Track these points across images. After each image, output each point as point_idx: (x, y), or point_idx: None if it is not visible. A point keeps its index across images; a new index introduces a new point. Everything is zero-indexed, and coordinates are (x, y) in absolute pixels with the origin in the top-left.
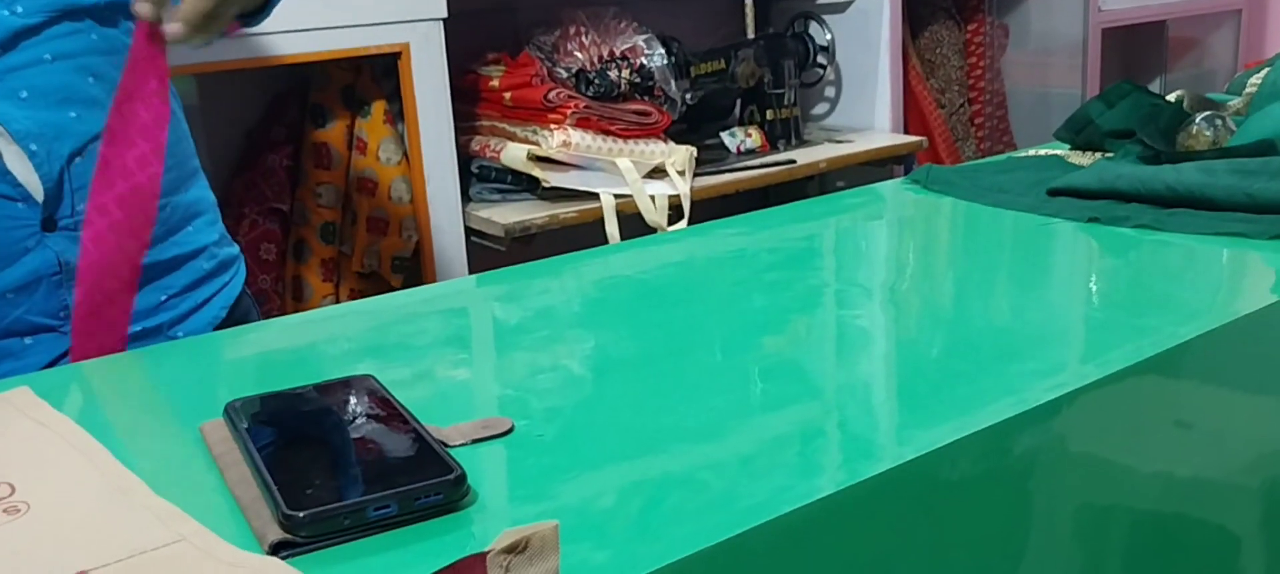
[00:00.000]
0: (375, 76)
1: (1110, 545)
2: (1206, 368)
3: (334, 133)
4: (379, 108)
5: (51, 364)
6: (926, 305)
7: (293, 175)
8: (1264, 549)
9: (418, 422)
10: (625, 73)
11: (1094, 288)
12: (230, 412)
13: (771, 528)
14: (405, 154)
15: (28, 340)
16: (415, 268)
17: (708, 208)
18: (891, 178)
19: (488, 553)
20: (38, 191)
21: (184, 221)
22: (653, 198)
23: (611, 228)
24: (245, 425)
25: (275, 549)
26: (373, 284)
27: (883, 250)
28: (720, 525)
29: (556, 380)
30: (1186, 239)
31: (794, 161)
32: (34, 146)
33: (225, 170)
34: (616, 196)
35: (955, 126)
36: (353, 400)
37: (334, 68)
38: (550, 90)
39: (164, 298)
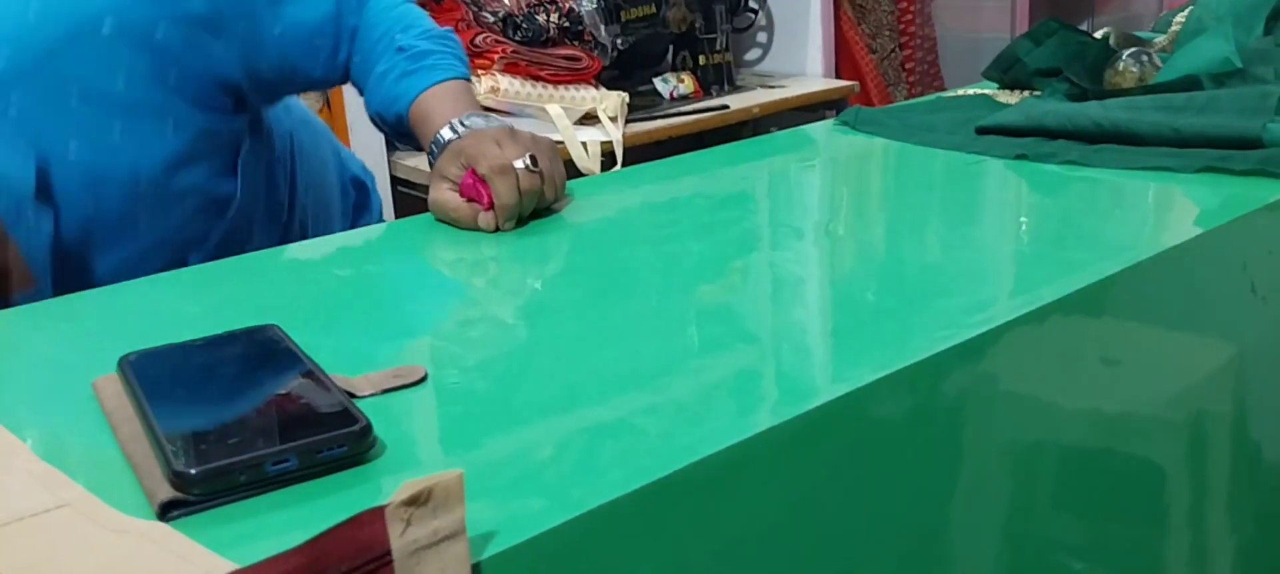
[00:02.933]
0: None
1: (1039, 480)
2: (1133, 302)
3: None
4: None
5: None
6: (856, 245)
7: None
8: (1189, 481)
9: (322, 372)
10: (553, 17)
11: (1022, 224)
12: (124, 366)
13: (706, 466)
14: (326, 103)
15: None
16: None
17: (641, 154)
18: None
19: (387, 506)
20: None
21: None
22: (584, 144)
23: None
24: (139, 380)
25: (166, 509)
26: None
27: (813, 192)
28: (652, 467)
29: (485, 330)
30: (1113, 174)
31: (727, 107)
32: None
33: None
34: None
35: (887, 71)
36: (254, 352)
37: None
38: (477, 35)
39: None
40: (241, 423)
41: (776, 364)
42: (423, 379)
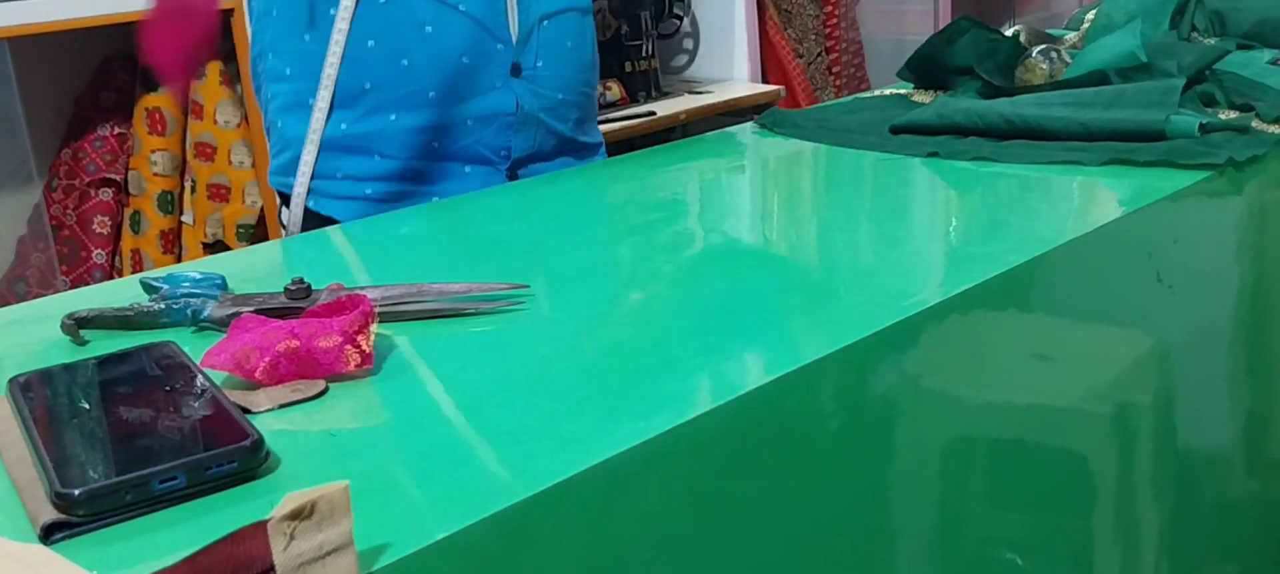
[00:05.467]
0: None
1: (964, 471)
2: (1046, 292)
3: (167, 97)
4: (214, 69)
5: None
6: (778, 243)
7: (125, 143)
8: (1110, 467)
9: (217, 388)
10: None
11: (937, 219)
12: (13, 388)
13: (616, 464)
14: (244, 116)
15: (468, 168)
16: (262, 235)
17: None
18: None
19: (269, 520)
20: (515, 37)
21: None
22: None
23: None
24: (27, 401)
25: (48, 531)
26: (217, 254)
27: (731, 192)
28: (555, 468)
29: (391, 337)
30: (1021, 169)
31: (654, 114)
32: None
33: (51, 139)
34: None
35: (814, 75)
36: (147, 370)
37: None
38: None
39: None
40: (129, 441)
41: (696, 360)
42: (323, 392)
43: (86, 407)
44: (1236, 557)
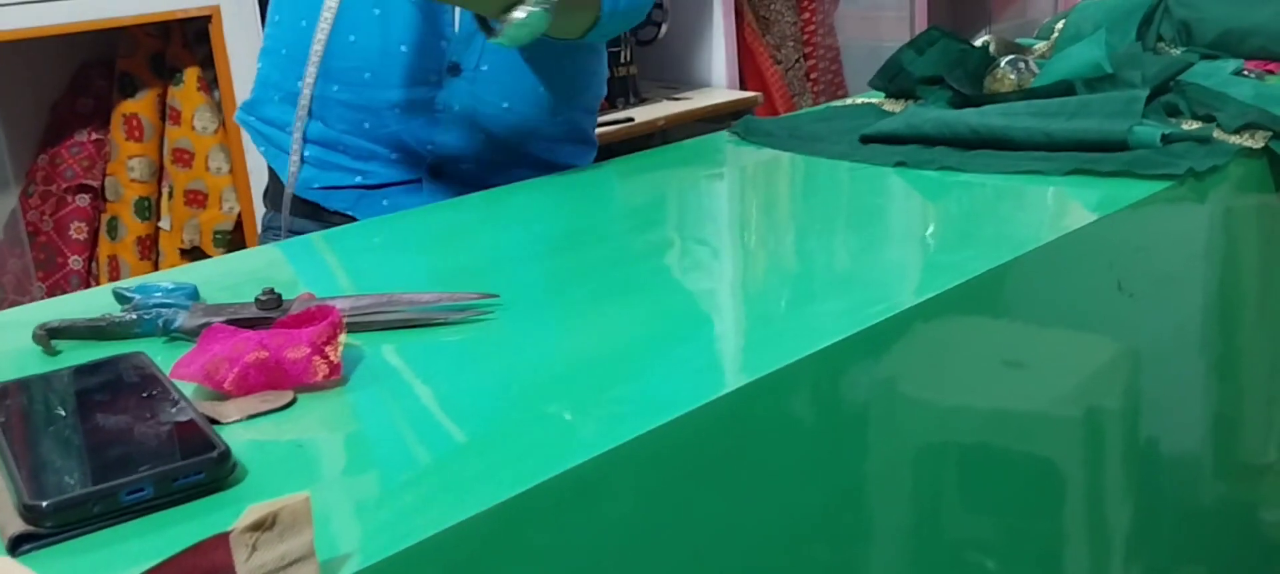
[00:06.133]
0: (186, 42)
1: (934, 478)
2: (1014, 298)
3: (145, 103)
4: (192, 75)
5: (403, 183)
6: (750, 250)
7: (102, 149)
8: (1076, 473)
9: (186, 399)
10: None
11: (906, 227)
12: None
13: (585, 471)
14: (222, 122)
15: (394, 154)
16: (239, 241)
17: None
18: None
19: (231, 531)
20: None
21: None
22: None
23: None
24: None
25: (16, 543)
26: (194, 260)
27: (706, 199)
28: (523, 475)
29: (359, 347)
30: (987, 178)
31: (632, 120)
32: None
33: (28, 145)
34: None
35: (791, 82)
36: (118, 380)
37: (141, 34)
38: None
39: None
40: (97, 452)
41: (666, 366)
42: (291, 402)
43: (57, 417)
44: (1204, 559)
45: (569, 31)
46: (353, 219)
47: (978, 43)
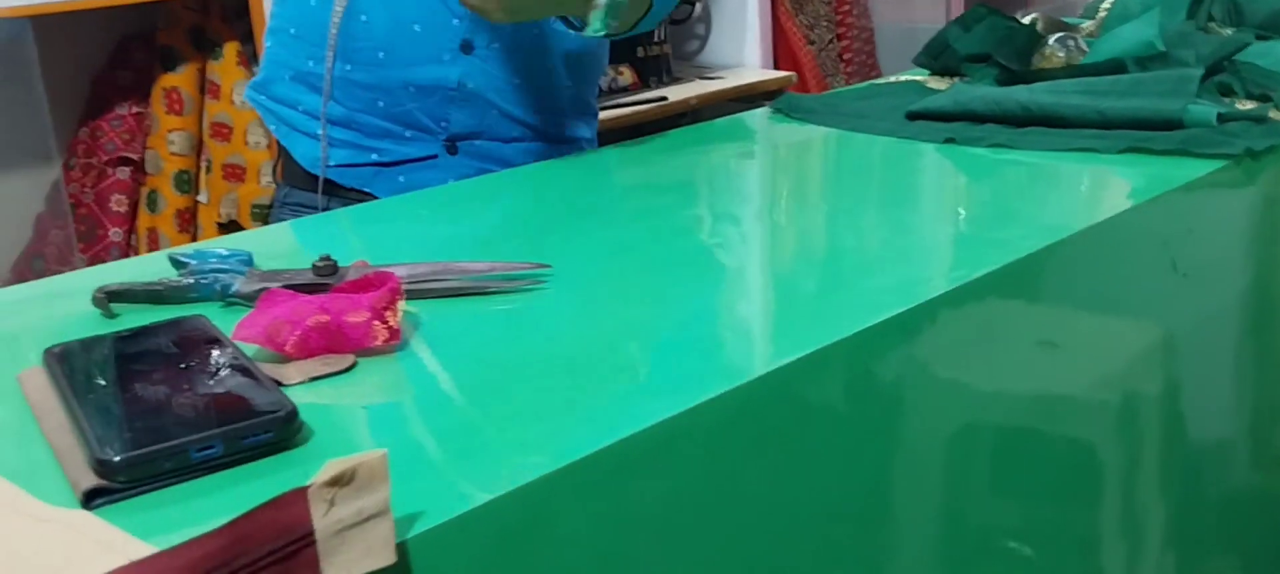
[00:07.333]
0: (225, 16)
1: (974, 459)
2: (1060, 279)
3: (185, 77)
4: (231, 49)
5: (419, 160)
6: (789, 228)
7: (143, 122)
8: (1119, 458)
9: (249, 360)
10: None
11: (950, 206)
12: (49, 358)
13: (635, 443)
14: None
15: (408, 132)
16: None
17: None
18: None
19: (310, 486)
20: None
21: None
22: None
23: None
24: (64, 371)
25: (90, 497)
26: (231, 233)
27: (746, 177)
28: (579, 444)
29: (413, 314)
30: (1039, 156)
31: (666, 99)
32: None
33: (70, 118)
34: None
35: (824, 62)
36: (181, 341)
37: (181, 8)
38: None
39: None
40: (166, 410)
41: (709, 343)
42: (352, 366)
43: (125, 375)
44: (1239, 548)
45: (626, 23)
46: (370, 196)
47: (1025, 21)
